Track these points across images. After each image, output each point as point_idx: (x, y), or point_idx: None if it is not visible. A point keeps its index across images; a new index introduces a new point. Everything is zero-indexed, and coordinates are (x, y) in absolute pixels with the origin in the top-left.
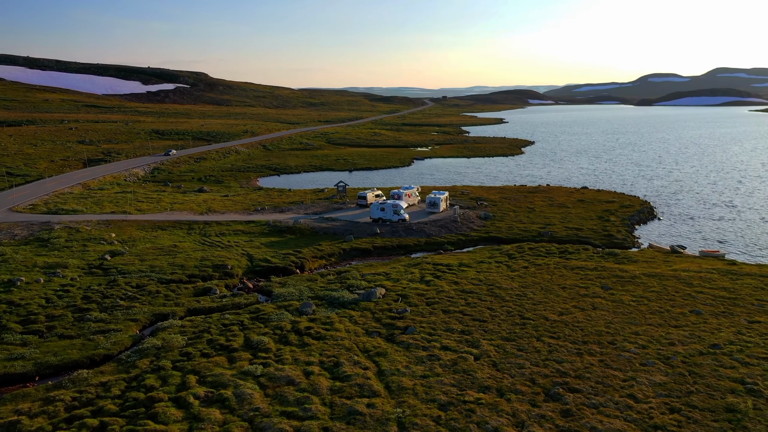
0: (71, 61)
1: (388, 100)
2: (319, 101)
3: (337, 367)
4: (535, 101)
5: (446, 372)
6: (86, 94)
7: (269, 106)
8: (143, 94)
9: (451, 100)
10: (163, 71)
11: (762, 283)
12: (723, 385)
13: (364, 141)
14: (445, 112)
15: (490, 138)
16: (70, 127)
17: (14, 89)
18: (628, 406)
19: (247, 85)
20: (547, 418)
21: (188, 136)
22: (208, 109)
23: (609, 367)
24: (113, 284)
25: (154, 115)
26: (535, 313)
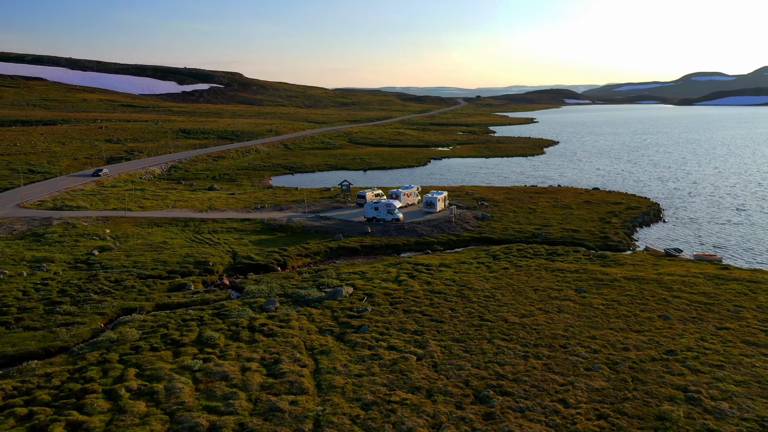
0: (111, 62)
1: (420, 99)
2: (350, 101)
3: (277, 364)
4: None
5: (383, 371)
6: (123, 94)
7: (301, 105)
8: (178, 94)
9: (484, 99)
10: (198, 71)
11: (747, 289)
12: (663, 393)
13: (387, 141)
14: (477, 112)
15: (514, 138)
16: (100, 126)
17: (55, 89)
18: (556, 411)
19: (281, 84)
20: (467, 420)
21: (213, 135)
22: (240, 109)
23: (551, 371)
24: (93, 279)
25: (186, 114)
26: (496, 315)
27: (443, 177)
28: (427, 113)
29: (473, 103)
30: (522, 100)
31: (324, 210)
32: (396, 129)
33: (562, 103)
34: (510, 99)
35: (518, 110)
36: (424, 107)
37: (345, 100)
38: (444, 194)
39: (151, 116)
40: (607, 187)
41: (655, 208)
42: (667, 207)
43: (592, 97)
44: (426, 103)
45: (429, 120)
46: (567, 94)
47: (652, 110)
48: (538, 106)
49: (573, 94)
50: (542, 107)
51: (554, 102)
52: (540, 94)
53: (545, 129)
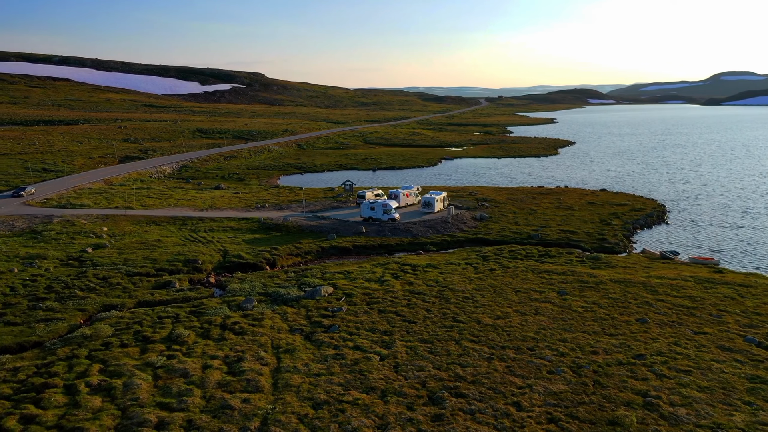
0: (135, 63)
1: (441, 99)
2: (371, 101)
3: (239, 362)
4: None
5: (342, 371)
6: (146, 94)
7: (321, 105)
8: (200, 94)
9: (506, 99)
10: (220, 72)
11: (735, 293)
12: (622, 397)
13: (401, 141)
14: (497, 112)
15: (530, 138)
16: (119, 126)
17: (80, 90)
18: (507, 414)
19: (302, 85)
20: (415, 421)
21: (229, 135)
22: (260, 109)
23: (512, 373)
24: (82, 276)
25: (206, 114)
26: (470, 316)
27: (450, 177)
28: (446, 113)
29: (494, 104)
30: (544, 100)
31: (323, 210)
32: (412, 129)
33: (586, 103)
34: (532, 99)
35: (540, 110)
36: (444, 107)
37: (365, 100)
38: (443, 195)
39: (171, 116)
40: (616, 188)
41: (660, 210)
42: (673, 209)
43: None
44: (447, 104)
45: (447, 120)
46: (591, 94)
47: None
48: (561, 106)
49: (597, 94)
50: (565, 107)
51: (577, 102)
52: (563, 94)
53: (563, 129)
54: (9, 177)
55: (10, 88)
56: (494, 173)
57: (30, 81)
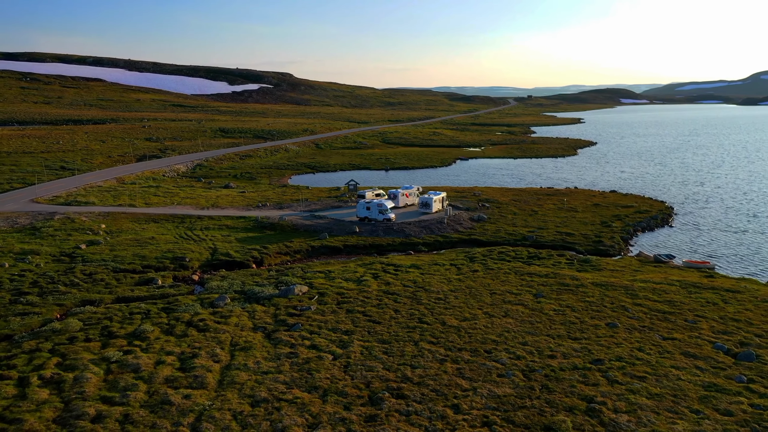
0: (166, 63)
1: (468, 99)
2: (397, 101)
3: (193, 358)
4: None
5: (291, 370)
6: (175, 94)
7: (347, 105)
8: (228, 94)
9: (536, 99)
10: (249, 72)
11: (719, 298)
12: (566, 402)
13: (420, 141)
14: (525, 112)
15: (551, 139)
16: (143, 126)
17: (112, 90)
18: (443, 416)
19: (330, 85)
20: (347, 421)
21: (249, 134)
22: (286, 109)
23: (461, 375)
24: (69, 271)
25: (232, 114)
26: (436, 318)
27: (458, 178)
28: (472, 113)
29: (523, 103)
30: (575, 100)
31: (322, 209)
32: (433, 129)
33: (618, 103)
34: (563, 99)
35: (569, 110)
36: (471, 107)
37: (392, 100)
38: (441, 195)
39: (197, 116)
40: (626, 190)
41: (666, 212)
42: (680, 212)
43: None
44: (474, 103)
45: (472, 120)
46: (624, 93)
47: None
48: (592, 106)
49: (630, 94)
50: (595, 107)
51: (609, 102)
52: (595, 93)
53: (588, 130)
54: (26, 175)
55: (45, 88)
56: (505, 174)
57: (64, 81)
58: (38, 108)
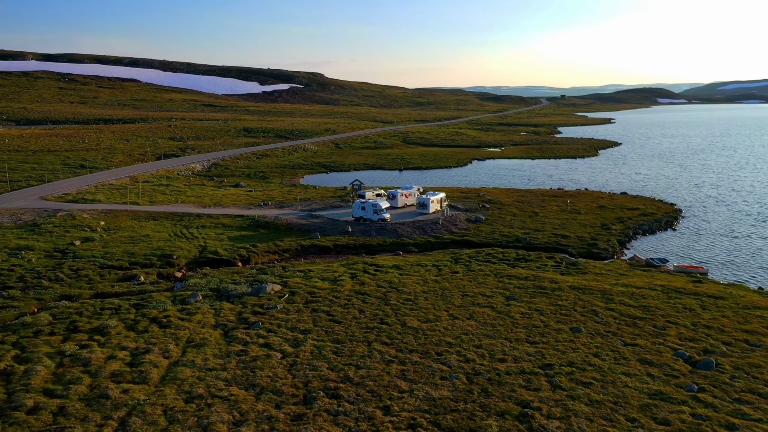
0: (200, 64)
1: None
2: (427, 100)
3: (145, 353)
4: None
5: (236, 367)
6: (207, 94)
7: (376, 105)
8: (258, 94)
9: (569, 99)
10: (280, 72)
11: (698, 304)
12: (500, 407)
13: (441, 141)
14: (555, 112)
15: (575, 139)
16: (169, 125)
17: (146, 90)
18: (370, 417)
19: (360, 84)
20: (273, 419)
21: (272, 134)
22: (314, 108)
23: (403, 377)
24: (57, 267)
25: (260, 113)
26: (399, 319)
27: (467, 178)
28: (500, 113)
29: (556, 103)
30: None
31: (322, 208)
32: (457, 129)
33: (654, 103)
34: (597, 98)
35: (602, 110)
36: (500, 107)
37: (421, 100)
38: (440, 195)
39: (225, 115)
40: (638, 191)
41: (673, 215)
42: (688, 215)
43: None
44: (504, 103)
45: (499, 120)
46: (661, 93)
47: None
48: (626, 106)
49: (668, 94)
50: (630, 107)
51: (645, 102)
52: (630, 93)
53: (617, 130)
54: (45, 173)
55: (82, 88)
56: (517, 175)
57: (101, 82)
58: (73, 108)
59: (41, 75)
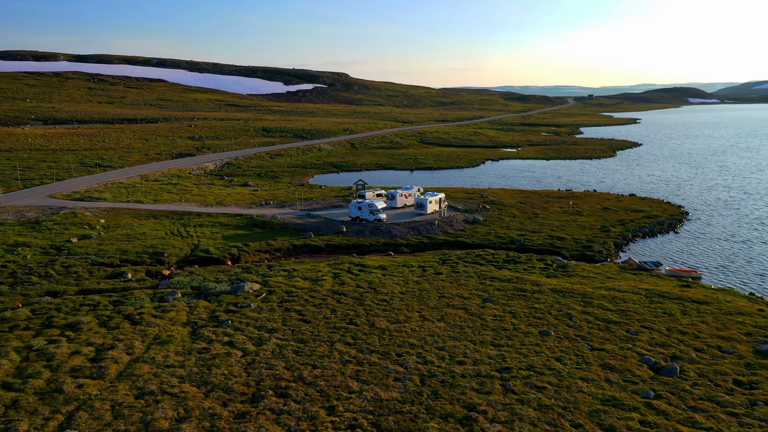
0: (226, 64)
1: (524, 99)
2: (450, 100)
3: (109, 350)
4: (696, 100)
5: (194, 365)
6: (232, 94)
7: (399, 105)
8: (282, 94)
9: (596, 99)
10: (304, 72)
11: (679, 309)
12: (446, 410)
13: (458, 141)
14: (581, 112)
15: (595, 140)
16: (190, 125)
17: (172, 90)
18: (312, 417)
19: (384, 84)
20: (216, 417)
21: (289, 134)
22: (336, 108)
23: (357, 378)
24: (50, 264)
25: (282, 113)
26: (368, 319)
27: (475, 179)
28: (524, 113)
29: (582, 103)
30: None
31: (322, 208)
32: (476, 129)
33: (685, 103)
34: (626, 98)
35: (630, 110)
36: (525, 107)
37: (445, 100)
38: (439, 196)
39: (246, 115)
40: (647, 193)
41: (678, 218)
42: (694, 218)
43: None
44: (530, 103)
45: (521, 120)
46: (692, 92)
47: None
48: (655, 106)
49: (700, 93)
50: (659, 107)
51: (675, 101)
52: (660, 93)
53: (640, 130)
54: (60, 171)
55: (110, 88)
56: (526, 175)
57: (129, 82)
58: (100, 107)
59: (72, 75)
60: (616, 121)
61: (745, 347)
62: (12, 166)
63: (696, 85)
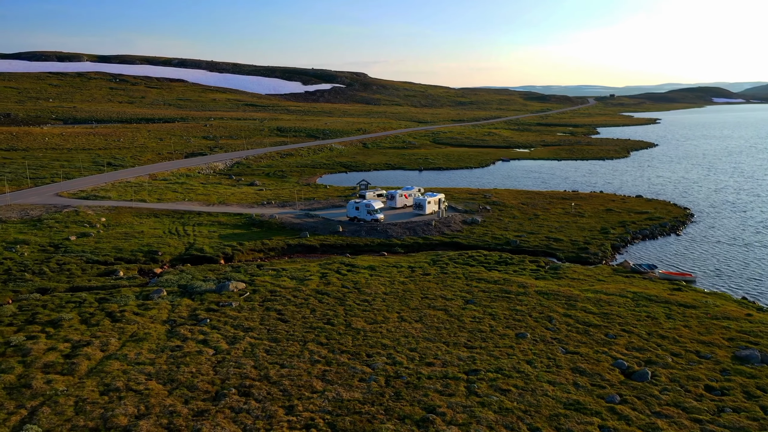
0: (245, 64)
1: (544, 99)
2: (469, 100)
3: (85, 346)
4: (721, 100)
5: (165, 362)
6: (251, 94)
7: (416, 105)
8: (300, 94)
9: (618, 98)
10: (323, 72)
11: (664, 314)
12: (405, 411)
13: (470, 141)
14: (601, 112)
15: (609, 140)
16: (205, 124)
17: (192, 90)
18: (271, 416)
19: (403, 84)
20: (175, 414)
21: (303, 134)
22: (353, 108)
23: (322, 378)
24: (46, 261)
25: (299, 113)
26: (345, 320)
27: (481, 179)
28: (542, 113)
29: (603, 103)
30: (661, 99)
31: (322, 208)
32: (491, 129)
33: (709, 103)
34: (648, 98)
35: (651, 110)
36: (544, 107)
37: (464, 100)
38: (438, 196)
39: (263, 115)
40: (654, 195)
41: (681, 220)
42: (698, 220)
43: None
44: (549, 103)
45: (538, 120)
46: (717, 92)
47: None
48: (678, 106)
49: (725, 93)
50: (682, 107)
51: (699, 101)
52: (684, 92)
53: (659, 130)
54: (71, 170)
55: (131, 89)
56: (534, 176)
57: (150, 82)
58: (120, 107)
59: (94, 76)
60: (636, 121)
61: (725, 353)
62: (26, 165)
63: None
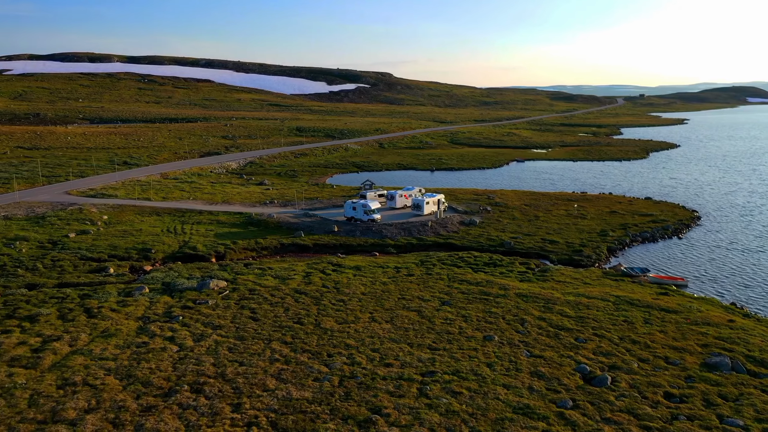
0: (271, 64)
1: (570, 99)
2: (494, 100)
3: (55, 341)
4: (756, 100)
5: (127, 358)
6: (276, 94)
7: (440, 105)
8: (325, 94)
9: (648, 98)
10: (348, 72)
11: (643, 317)
12: (350, 411)
13: (489, 141)
14: (628, 112)
15: (630, 141)
16: (225, 124)
17: (218, 90)
18: (216, 413)
19: (428, 84)
20: (123, 409)
21: (320, 134)
22: (377, 108)
23: (277, 376)
24: (41, 258)
25: (321, 113)
26: (316, 319)
27: (488, 180)
28: (567, 113)
29: (632, 102)
30: (693, 99)
31: (322, 208)
32: (511, 129)
33: (743, 102)
34: (679, 97)
35: (681, 110)
36: (570, 107)
37: (489, 100)
38: (438, 197)
39: (284, 114)
40: (663, 197)
41: (686, 223)
42: (703, 223)
43: None
44: (576, 103)
45: (562, 120)
46: (752, 92)
47: None
48: (710, 106)
49: (760, 92)
50: (714, 107)
51: (732, 101)
52: (717, 92)
53: (684, 131)
54: (86, 168)
55: (159, 89)
56: (544, 177)
57: (177, 83)
58: (147, 107)
59: (123, 76)
60: (662, 121)
61: (695, 359)
62: (43, 164)
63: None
